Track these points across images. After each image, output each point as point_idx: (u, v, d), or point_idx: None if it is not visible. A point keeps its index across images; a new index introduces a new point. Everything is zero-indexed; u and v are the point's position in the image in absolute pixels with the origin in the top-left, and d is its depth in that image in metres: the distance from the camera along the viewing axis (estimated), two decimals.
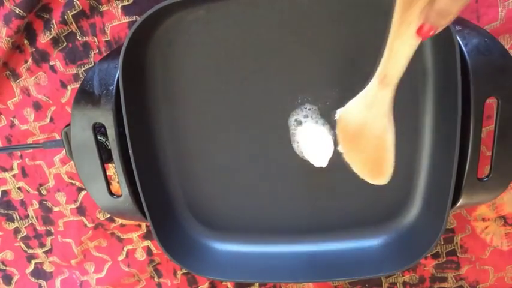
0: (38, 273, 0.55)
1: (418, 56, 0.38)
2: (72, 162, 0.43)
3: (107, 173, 0.40)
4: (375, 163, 0.31)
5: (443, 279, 0.48)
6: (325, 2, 0.37)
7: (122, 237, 0.51)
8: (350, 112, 0.30)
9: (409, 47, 0.26)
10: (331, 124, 0.40)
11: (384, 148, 0.30)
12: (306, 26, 0.38)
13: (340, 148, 0.32)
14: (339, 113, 0.31)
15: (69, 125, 0.39)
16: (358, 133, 0.30)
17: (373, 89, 0.28)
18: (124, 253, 0.52)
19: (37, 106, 0.46)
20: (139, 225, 0.50)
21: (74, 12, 0.42)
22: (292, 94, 0.40)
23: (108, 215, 0.50)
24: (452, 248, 0.46)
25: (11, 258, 0.54)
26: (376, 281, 0.49)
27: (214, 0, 0.37)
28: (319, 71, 0.40)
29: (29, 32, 0.44)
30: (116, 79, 0.38)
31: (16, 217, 0.52)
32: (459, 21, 0.37)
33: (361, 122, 0.29)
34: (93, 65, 0.44)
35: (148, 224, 0.41)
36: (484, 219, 0.45)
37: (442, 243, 0.46)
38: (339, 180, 0.43)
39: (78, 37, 0.44)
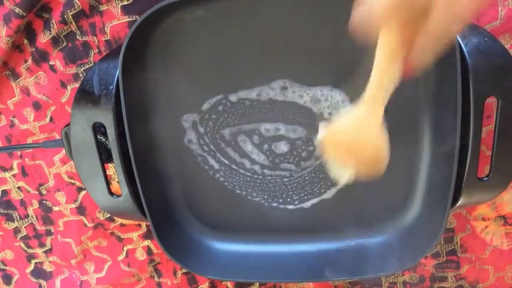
0: (38, 273, 0.55)
1: None
2: (72, 162, 0.43)
3: (107, 173, 0.40)
4: (369, 166, 0.31)
5: (443, 279, 0.48)
6: (325, 1, 0.37)
7: (121, 236, 0.51)
8: (339, 133, 0.30)
9: (396, 79, 0.26)
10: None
11: (378, 153, 0.30)
12: (306, 26, 0.38)
13: (327, 162, 0.32)
14: (323, 136, 0.31)
15: (69, 124, 0.39)
16: (350, 150, 0.30)
17: (362, 113, 0.28)
18: (124, 253, 0.52)
19: (37, 106, 0.46)
20: (139, 225, 0.50)
21: (74, 11, 0.42)
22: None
23: (108, 215, 0.50)
24: (452, 247, 0.46)
25: (11, 258, 0.54)
26: (376, 281, 0.49)
27: (214, 0, 0.37)
28: (319, 72, 0.40)
29: (28, 32, 0.44)
30: (115, 79, 0.38)
31: (16, 217, 0.52)
32: None
33: (353, 140, 0.30)
34: (93, 64, 0.44)
35: (148, 223, 0.41)
36: (484, 219, 0.45)
37: (442, 242, 0.46)
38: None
39: (78, 37, 0.43)
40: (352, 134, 0.29)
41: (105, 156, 0.39)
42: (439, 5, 0.22)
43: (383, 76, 0.26)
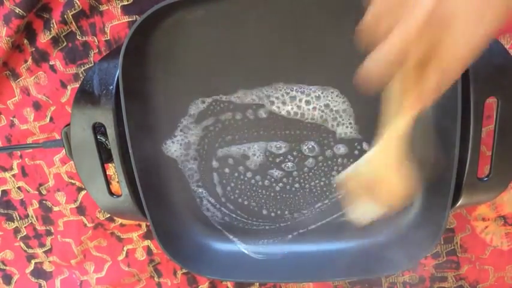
0: (38, 273, 0.55)
1: None
2: (72, 162, 0.43)
3: (107, 173, 0.40)
4: (390, 202, 0.31)
5: (443, 279, 0.48)
6: (324, 3, 0.37)
7: (121, 237, 0.51)
8: (359, 172, 0.31)
9: (410, 117, 0.27)
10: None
11: (397, 189, 0.30)
12: (306, 27, 0.38)
13: (351, 204, 0.33)
14: (345, 176, 0.32)
15: (69, 124, 0.39)
16: (372, 187, 0.31)
17: (381, 152, 0.29)
18: (124, 253, 0.52)
19: (37, 106, 0.46)
20: (139, 225, 0.50)
21: (74, 11, 0.42)
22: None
23: (108, 215, 0.50)
24: (452, 247, 0.46)
25: (11, 258, 0.54)
26: (376, 281, 0.49)
27: (214, 0, 0.37)
28: (319, 72, 0.40)
29: (28, 32, 0.44)
30: (115, 79, 0.38)
31: (16, 217, 0.52)
32: None
33: (374, 178, 0.30)
34: (93, 64, 0.44)
35: (148, 223, 0.41)
36: (484, 219, 0.45)
37: (442, 243, 0.46)
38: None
39: (78, 37, 0.43)
40: (370, 173, 0.30)
41: (105, 156, 0.39)
42: (448, 41, 0.23)
43: (397, 117, 0.27)
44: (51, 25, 0.43)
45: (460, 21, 0.22)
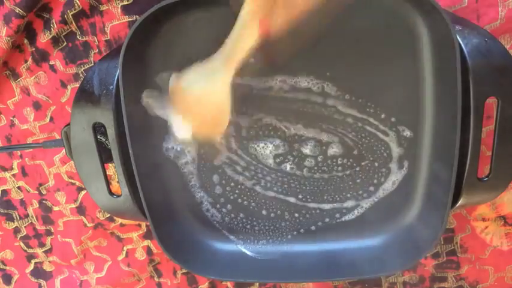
0: (38, 272, 0.55)
1: (417, 55, 0.38)
2: (72, 162, 0.43)
3: (107, 173, 0.40)
4: (209, 125, 0.32)
5: (443, 279, 0.48)
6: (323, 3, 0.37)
7: (121, 236, 0.51)
8: (188, 83, 0.31)
9: (253, 40, 0.28)
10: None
11: (220, 112, 0.31)
12: (305, 27, 0.38)
13: (173, 114, 0.32)
14: (172, 86, 0.32)
15: (69, 124, 0.39)
16: (196, 102, 0.31)
17: (217, 66, 0.30)
18: (124, 253, 0.52)
19: (37, 106, 0.46)
20: (139, 225, 0.50)
21: (74, 11, 0.42)
22: None
23: (108, 215, 0.50)
24: (452, 247, 0.47)
25: (11, 258, 0.54)
26: (376, 281, 0.49)
27: (214, 1, 0.37)
28: (318, 71, 0.40)
29: (28, 32, 0.44)
30: (116, 79, 0.38)
31: (16, 217, 0.52)
32: (459, 21, 0.37)
33: (200, 93, 0.31)
34: (93, 64, 0.44)
35: (148, 223, 0.41)
36: (484, 219, 0.45)
37: (442, 243, 0.46)
38: (339, 180, 0.43)
39: (78, 37, 0.43)
40: (201, 86, 0.30)
41: (105, 156, 0.39)
42: None
43: (242, 32, 0.28)
44: (51, 25, 0.43)
45: None
